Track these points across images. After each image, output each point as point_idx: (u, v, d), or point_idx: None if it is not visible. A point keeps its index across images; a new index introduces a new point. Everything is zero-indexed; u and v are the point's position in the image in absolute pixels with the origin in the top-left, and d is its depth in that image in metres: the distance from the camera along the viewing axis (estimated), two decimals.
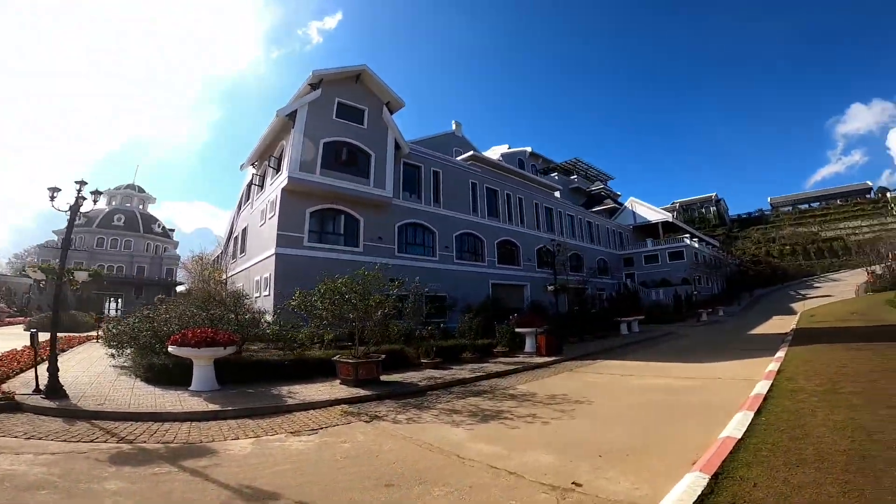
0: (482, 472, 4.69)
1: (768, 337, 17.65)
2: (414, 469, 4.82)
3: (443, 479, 4.50)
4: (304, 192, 19.69)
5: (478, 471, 4.72)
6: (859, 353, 10.29)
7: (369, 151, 21.71)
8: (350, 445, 5.81)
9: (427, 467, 4.88)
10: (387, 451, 5.54)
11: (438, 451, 5.41)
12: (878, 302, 30.02)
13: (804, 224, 79.00)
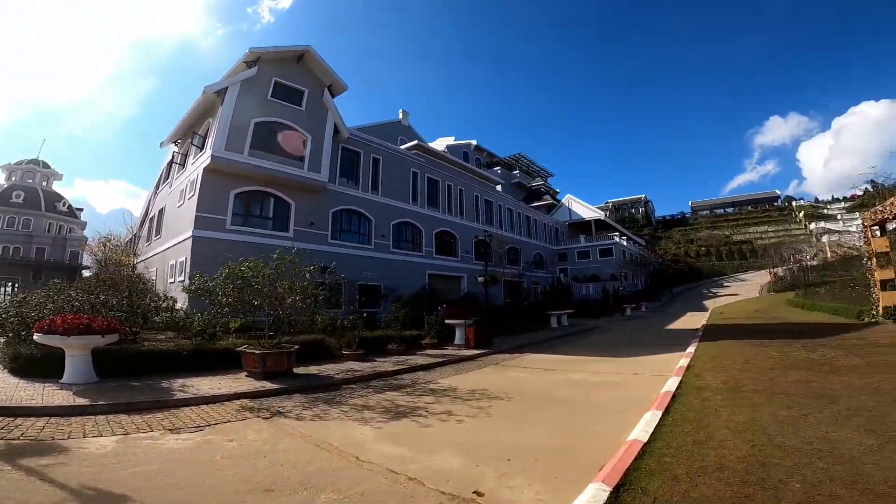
0: (379, 476, 4.25)
1: (682, 332, 18.65)
2: (303, 472, 4.33)
3: (333, 484, 4.04)
4: (229, 172, 18.36)
5: (375, 475, 4.28)
6: (762, 349, 10.92)
7: (305, 134, 20.72)
8: (236, 444, 5.25)
9: (319, 470, 4.40)
10: (279, 450, 5.03)
11: (337, 452, 4.94)
12: (780, 301, 33.08)
13: (719, 227, 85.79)
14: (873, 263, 16.64)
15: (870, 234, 16.85)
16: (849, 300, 21.65)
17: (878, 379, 6.60)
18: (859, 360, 8.51)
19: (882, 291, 16.20)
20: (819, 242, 67.80)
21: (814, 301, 25.69)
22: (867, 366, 7.82)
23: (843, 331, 13.84)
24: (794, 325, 17.75)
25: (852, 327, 14.69)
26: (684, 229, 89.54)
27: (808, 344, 11.23)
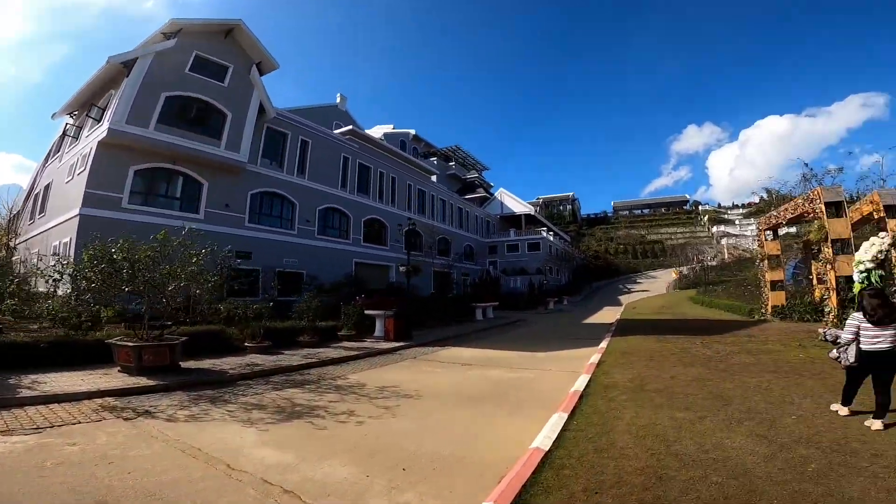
0: (249, 488, 3.65)
1: (598, 327, 19.41)
2: (154, 482, 3.66)
3: (187, 497, 3.41)
4: (129, 147, 16.54)
5: (244, 487, 3.68)
6: (666, 345, 11.41)
7: (225, 111, 19.23)
8: (78, 448, 4.45)
9: (175, 480, 3.73)
10: (132, 456, 4.30)
11: (205, 459, 4.28)
12: (684, 298, 35.88)
13: (636, 227, 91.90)
14: (765, 265, 18.24)
15: (763, 238, 18.42)
16: (742, 299, 23.82)
17: (768, 379, 6.93)
18: (750, 358, 9.04)
19: (771, 291, 17.82)
20: (719, 244, 74.74)
21: (712, 299, 28.07)
22: (757, 364, 8.28)
23: (736, 328, 14.98)
24: (695, 321, 19.10)
25: (745, 324, 15.98)
26: (606, 227, 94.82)
27: (706, 341, 11.92)
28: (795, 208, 14.24)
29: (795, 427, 4.60)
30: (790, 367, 7.78)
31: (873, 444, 3.96)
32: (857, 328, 4.84)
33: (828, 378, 6.76)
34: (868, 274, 8.00)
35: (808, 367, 7.79)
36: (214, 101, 18.95)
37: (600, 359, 9.80)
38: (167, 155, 17.44)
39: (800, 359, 8.57)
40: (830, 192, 12.56)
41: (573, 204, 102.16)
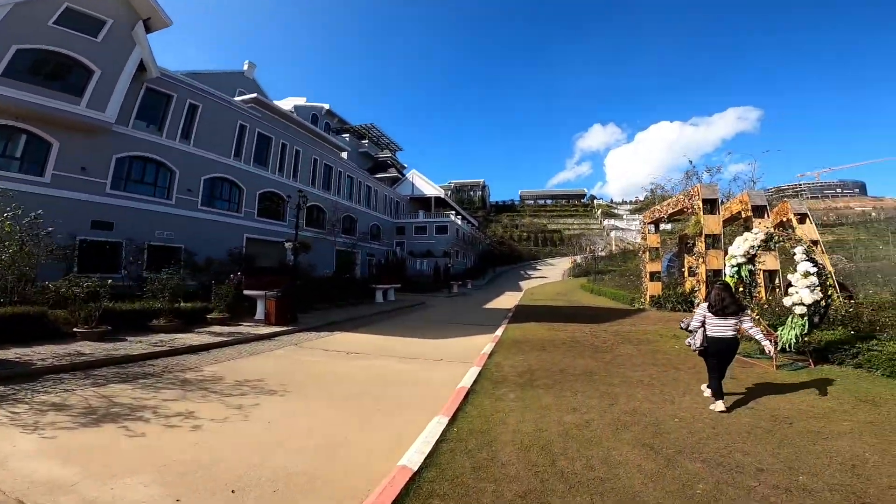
0: None
1: (498, 312, 19.52)
2: None
3: None
4: None
5: None
6: (558, 334, 11.47)
7: (93, 67, 16.68)
8: None
9: None
10: None
11: None
12: (577, 286, 38.17)
13: (539, 216, 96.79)
14: (646, 257, 19.60)
15: (646, 231, 19.75)
16: (625, 288, 25.69)
17: (650, 374, 6.93)
18: (633, 348, 9.25)
19: (650, 282, 19.21)
20: (608, 237, 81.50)
21: (600, 287, 30.03)
22: (639, 356, 8.43)
23: (620, 316, 15.81)
24: (585, 308, 20.06)
25: (627, 313, 16.99)
26: (512, 215, 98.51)
27: (594, 329, 12.24)
28: (677, 203, 15.24)
29: (679, 433, 4.37)
30: (667, 360, 7.97)
31: (756, 455, 3.78)
32: (703, 317, 5.34)
33: (701, 372, 6.92)
34: (739, 268, 8.49)
35: (682, 359, 8.05)
36: (80, 56, 16.44)
37: (494, 348, 9.43)
38: (11, 111, 14.84)
39: (675, 350, 8.91)
40: (708, 189, 13.52)
41: (483, 190, 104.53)
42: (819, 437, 4.14)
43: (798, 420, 4.66)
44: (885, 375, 6.27)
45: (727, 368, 5.38)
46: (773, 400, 5.42)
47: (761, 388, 6.01)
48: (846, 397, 5.43)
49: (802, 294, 6.94)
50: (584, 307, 20.69)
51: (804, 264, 7.05)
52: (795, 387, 5.99)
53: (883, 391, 5.65)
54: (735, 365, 7.51)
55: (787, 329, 7.27)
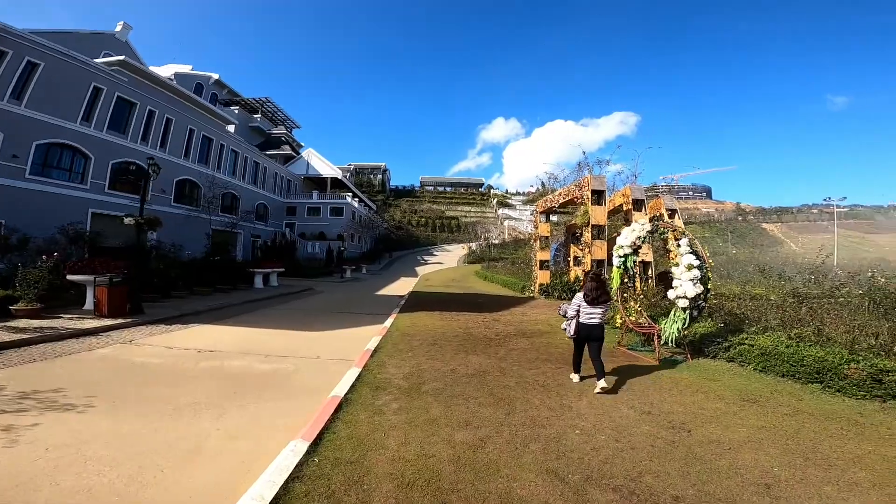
0: None
1: (390, 299, 18.54)
2: None
3: None
4: None
5: None
6: (450, 324, 10.83)
7: None
8: None
9: None
10: None
11: None
12: (471, 272, 38.69)
13: (438, 203, 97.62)
14: (536, 246, 20.04)
15: (538, 220, 20.16)
16: (517, 276, 26.37)
17: (544, 372, 6.49)
18: (526, 341, 8.90)
19: (539, 270, 19.70)
20: (502, 225, 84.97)
21: (493, 274, 30.60)
22: (532, 350, 8.06)
23: (512, 304, 15.82)
24: (479, 296, 19.99)
25: (519, 301, 17.13)
26: (412, 200, 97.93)
27: (487, 319, 11.86)
28: (568, 193, 15.55)
29: (582, 450, 3.79)
30: (560, 355, 7.67)
31: (666, 478, 3.29)
32: (578, 305, 5.70)
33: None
34: (626, 259, 8.53)
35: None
36: None
37: (380, 343, 8.42)
38: None
39: (567, 343, 8.72)
40: (597, 180, 13.89)
41: (384, 174, 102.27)
42: (722, 449, 3.84)
43: (695, 426, 4.39)
44: (757, 370, 6.53)
45: (600, 351, 5.72)
46: (667, 402, 5.20)
47: (651, 387, 5.83)
48: (730, 396, 5.40)
49: (686, 287, 6.99)
50: (477, 294, 20.61)
51: (688, 257, 7.13)
52: (682, 385, 5.91)
53: (761, 388, 5.78)
54: (622, 358, 7.51)
55: (670, 323, 7.34)
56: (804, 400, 5.32)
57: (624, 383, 5.92)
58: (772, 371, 6.35)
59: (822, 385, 5.68)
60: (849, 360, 5.57)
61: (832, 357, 5.69)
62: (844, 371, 5.47)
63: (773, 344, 6.51)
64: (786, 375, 6.16)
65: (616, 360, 7.34)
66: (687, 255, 7.17)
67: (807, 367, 5.89)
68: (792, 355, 6.12)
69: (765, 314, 8.46)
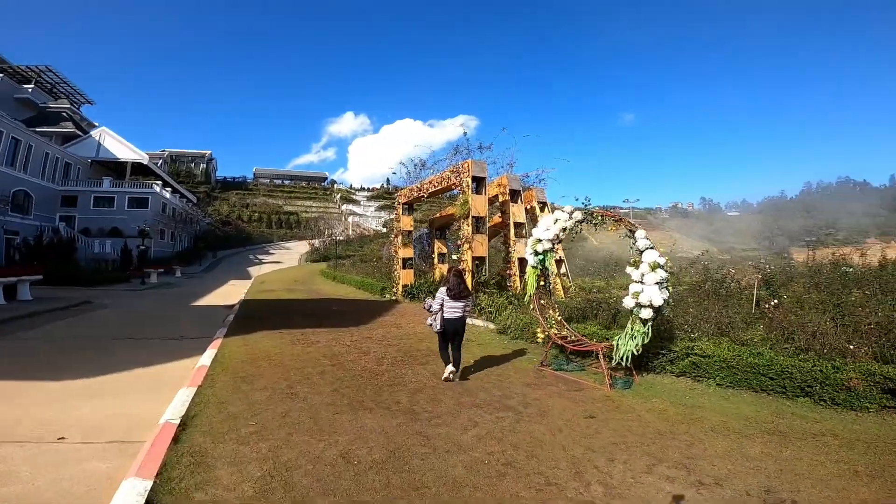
0: None
1: (214, 311, 14.13)
2: None
3: None
4: None
5: None
6: (308, 349, 7.75)
7: None
8: None
9: None
10: None
11: None
12: (316, 271, 34.55)
13: (275, 197, 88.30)
14: (399, 241, 17.77)
15: (400, 212, 17.89)
16: (370, 275, 23.75)
17: (495, 437, 4.10)
18: (425, 371, 6.48)
19: (402, 269, 17.48)
20: (346, 221, 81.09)
21: (343, 274, 27.36)
22: (447, 388, 5.66)
23: (376, 311, 13.23)
24: (333, 301, 16.85)
25: (382, 306, 14.63)
26: (243, 193, 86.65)
27: (356, 337, 9.10)
28: (442, 180, 13.62)
29: None
30: (500, 395, 5.46)
31: None
32: (442, 300, 5.82)
33: (552, 416, 4.70)
34: (545, 256, 6.83)
35: (520, 389, 5.77)
36: None
37: (195, 399, 5.02)
38: None
39: (491, 371, 6.62)
40: (478, 166, 12.24)
41: (209, 163, 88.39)
42: None
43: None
44: (722, 386, 5.34)
45: (461, 343, 6.04)
46: (702, 459, 3.46)
47: (625, 431, 4.11)
48: (752, 431, 4.02)
49: (650, 293, 5.42)
50: (331, 300, 17.41)
51: (650, 253, 5.59)
52: (678, 420, 4.45)
53: (760, 410, 4.63)
54: (558, 386, 5.71)
55: (625, 338, 5.72)
56: (825, 422, 4.42)
57: (606, 432, 4.04)
58: (740, 385, 5.32)
59: (814, 399, 4.85)
60: (840, 367, 4.83)
61: (821, 366, 4.88)
62: (845, 382, 4.64)
63: (733, 354, 5.43)
64: (764, 390, 5.16)
65: (550, 388, 5.51)
66: (648, 250, 5.64)
67: (793, 380, 4.93)
68: (768, 366, 5.09)
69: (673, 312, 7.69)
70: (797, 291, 9.45)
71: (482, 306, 11.01)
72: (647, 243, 5.70)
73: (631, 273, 5.74)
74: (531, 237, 7.02)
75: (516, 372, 6.46)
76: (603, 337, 6.75)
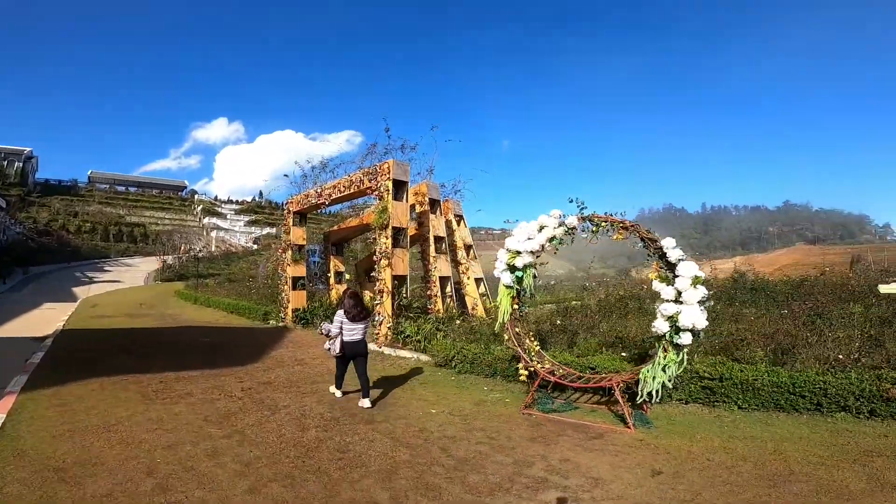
0: None
1: (10, 346, 9.80)
2: None
3: None
4: None
5: None
6: (173, 412, 5.08)
7: None
8: None
9: None
10: None
11: None
12: (169, 292, 28.69)
13: (115, 205, 74.45)
14: (288, 257, 14.95)
15: (290, 222, 15.09)
16: (247, 297, 20.06)
17: None
18: (369, 431, 4.44)
19: (293, 291, 14.66)
20: (208, 236, 71.65)
21: (208, 295, 22.83)
22: (408, 470, 3.70)
23: (265, 343, 10.48)
24: (198, 329, 13.33)
25: (270, 336, 11.78)
26: (71, 199, 71.24)
27: (245, 378, 6.56)
28: (351, 184, 11.44)
29: None
30: (524, 474, 3.67)
31: None
32: (340, 322, 5.62)
33: (613, 485, 3.12)
34: (524, 273, 5.36)
35: (525, 455, 4.02)
36: None
37: None
38: None
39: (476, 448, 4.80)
40: (400, 167, 10.41)
41: (28, 162, 71.18)
42: None
43: None
44: (745, 410, 4.87)
45: (366, 367, 5.66)
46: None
47: (718, 484, 3.23)
48: (818, 452, 3.33)
49: (692, 314, 4.22)
50: (197, 328, 13.78)
51: (689, 265, 4.41)
52: (737, 462, 3.62)
53: (811, 432, 4.19)
54: (566, 437, 4.21)
55: (655, 368, 4.46)
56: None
57: (704, 492, 2.85)
58: (766, 407, 4.85)
59: (851, 413, 4.57)
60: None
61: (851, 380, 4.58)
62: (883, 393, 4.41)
63: (754, 375, 4.87)
64: (796, 410, 4.76)
65: (564, 440, 4.12)
66: (683, 262, 4.46)
67: (828, 396, 4.61)
68: (798, 384, 4.68)
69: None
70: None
71: (408, 334, 9.14)
72: (679, 254, 4.57)
73: (661, 290, 4.56)
74: (505, 249, 5.52)
75: (500, 421, 4.84)
76: (586, 367, 5.56)
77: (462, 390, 6.16)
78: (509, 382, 6.38)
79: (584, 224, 5.27)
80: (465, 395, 5.94)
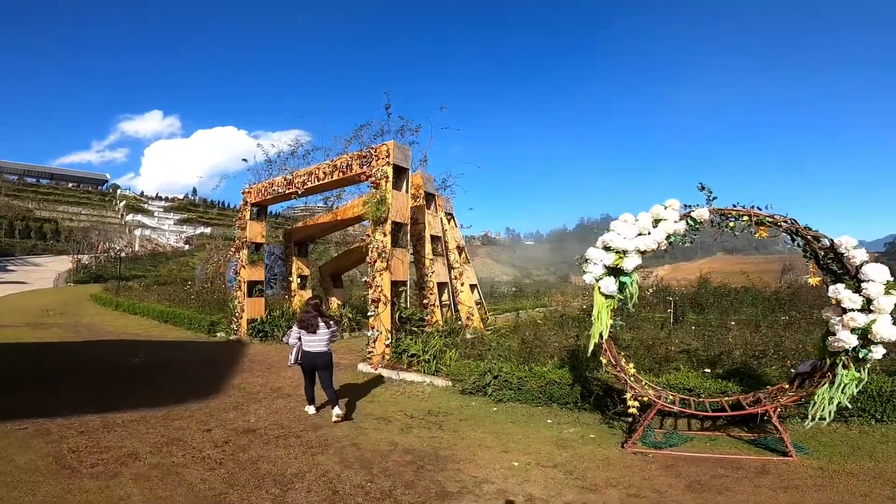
0: None
1: None
2: None
3: None
4: None
5: None
6: (110, 492, 3.09)
7: None
8: None
9: None
10: None
11: None
12: (83, 296, 24.63)
13: (24, 198, 65.67)
14: (243, 257, 12.59)
15: (247, 216, 12.71)
16: (186, 304, 17.17)
17: None
18: None
19: (248, 298, 12.29)
20: (132, 234, 64.99)
21: (133, 301, 19.46)
22: None
23: (218, 363, 8.29)
24: (128, 345, 10.68)
25: (222, 353, 9.54)
26: None
27: (210, 423, 4.61)
28: (335, 170, 9.41)
29: None
30: None
31: None
32: (299, 334, 5.40)
33: None
34: (630, 279, 3.90)
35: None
36: None
37: None
38: None
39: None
40: (402, 151, 8.61)
41: None
42: None
43: None
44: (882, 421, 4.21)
45: (331, 380, 5.39)
46: None
47: None
48: None
49: (885, 323, 3.05)
50: (125, 342, 11.11)
51: (878, 268, 3.19)
52: None
53: None
54: (732, 474, 2.80)
55: (834, 390, 3.45)
56: None
57: None
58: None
59: None
60: None
61: None
62: None
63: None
64: None
65: (722, 482, 3.09)
66: (869, 265, 3.25)
67: None
68: None
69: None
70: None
71: (413, 353, 7.37)
72: (864, 255, 3.34)
73: (844, 298, 3.31)
74: (601, 247, 4.05)
75: (618, 469, 3.50)
76: (681, 388, 4.40)
77: (524, 427, 4.60)
78: (570, 411, 5.19)
79: (716, 217, 3.97)
80: (533, 434, 4.41)
